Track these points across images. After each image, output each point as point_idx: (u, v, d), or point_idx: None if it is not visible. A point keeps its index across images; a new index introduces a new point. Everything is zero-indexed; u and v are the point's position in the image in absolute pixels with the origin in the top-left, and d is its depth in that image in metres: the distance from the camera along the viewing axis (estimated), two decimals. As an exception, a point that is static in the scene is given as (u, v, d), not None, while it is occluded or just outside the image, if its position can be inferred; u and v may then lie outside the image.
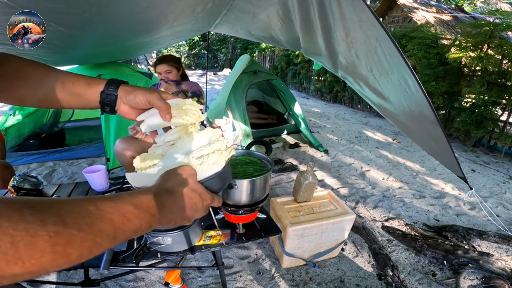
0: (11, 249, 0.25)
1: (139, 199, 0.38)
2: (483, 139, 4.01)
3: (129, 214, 0.35)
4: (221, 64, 17.10)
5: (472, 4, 12.54)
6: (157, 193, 0.40)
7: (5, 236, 0.25)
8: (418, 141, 1.86)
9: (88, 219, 0.31)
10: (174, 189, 0.43)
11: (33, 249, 0.26)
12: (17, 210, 0.27)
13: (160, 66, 2.07)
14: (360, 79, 1.60)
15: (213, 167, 0.52)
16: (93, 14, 1.34)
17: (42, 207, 0.29)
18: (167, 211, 0.40)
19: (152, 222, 0.38)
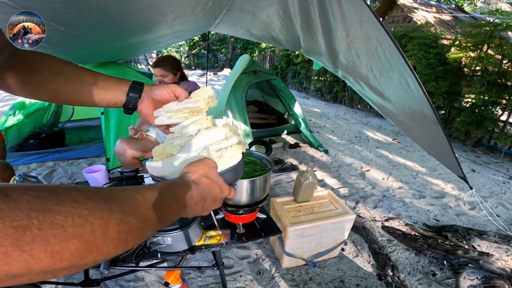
0: (91, 237, 0.26)
1: (174, 190, 0.40)
2: (483, 139, 4.01)
3: (168, 205, 0.37)
4: (221, 64, 17.10)
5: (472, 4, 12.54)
6: (187, 185, 0.42)
7: (87, 224, 0.26)
8: (418, 141, 1.86)
9: (139, 208, 0.32)
10: (199, 181, 0.45)
11: (106, 237, 0.27)
12: (89, 198, 0.27)
13: (156, 69, 2.06)
14: (360, 79, 1.60)
15: (231, 160, 0.54)
16: (93, 14, 1.34)
17: (106, 195, 0.30)
18: (194, 201, 0.42)
19: (182, 211, 0.40)
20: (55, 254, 0.24)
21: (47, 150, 3.10)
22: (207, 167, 0.48)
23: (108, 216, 0.28)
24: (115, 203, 0.30)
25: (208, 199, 0.45)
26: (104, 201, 0.28)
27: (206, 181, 0.46)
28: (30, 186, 0.25)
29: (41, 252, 0.23)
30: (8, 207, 0.22)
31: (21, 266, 0.22)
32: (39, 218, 0.23)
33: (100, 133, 2.76)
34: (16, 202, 0.23)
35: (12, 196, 0.23)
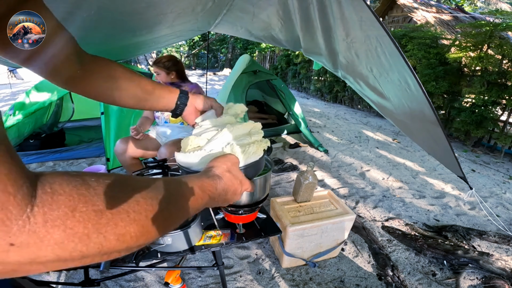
0: (146, 222, 0.29)
1: (202, 182, 0.43)
2: (483, 139, 4.01)
3: (197, 195, 0.40)
4: (221, 64, 17.10)
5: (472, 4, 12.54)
6: (212, 178, 0.46)
7: (143, 211, 0.29)
8: (418, 141, 1.86)
9: (177, 197, 0.36)
10: (223, 175, 0.48)
11: (154, 222, 0.30)
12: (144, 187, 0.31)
13: (153, 66, 2.15)
14: (360, 79, 1.60)
15: (252, 156, 0.58)
16: (93, 14, 1.34)
17: (153, 185, 0.33)
18: (217, 193, 0.45)
19: (208, 202, 0.43)
20: (120, 237, 0.26)
21: (47, 150, 3.10)
22: (230, 163, 0.51)
23: (157, 204, 0.31)
24: (160, 193, 0.33)
25: (229, 192, 0.49)
26: (153, 190, 0.32)
27: (229, 175, 0.49)
28: (99, 175, 0.28)
29: (112, 234, 0.25)
30: (89, 193, 0.25)
31: (95, 248, 0.24)
32: (111, 203, 0.26)
33: (100, 133, 2.76)
34: (95, 189, 0.25)
35: (91, 184, 0.26)
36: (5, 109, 4.44)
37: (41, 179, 0.23)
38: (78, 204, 0.23)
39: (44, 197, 0.22)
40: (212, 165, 0.49)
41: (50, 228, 0.21)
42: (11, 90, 8.12)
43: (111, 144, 2.61)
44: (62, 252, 0.22)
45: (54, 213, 0.22)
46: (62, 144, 3.43)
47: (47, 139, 3.33)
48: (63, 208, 0.22)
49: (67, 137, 3.62)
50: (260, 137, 0.62)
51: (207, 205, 0.43)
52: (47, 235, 0.21)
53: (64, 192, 0.23)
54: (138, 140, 2.04)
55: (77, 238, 0.23)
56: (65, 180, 0.24)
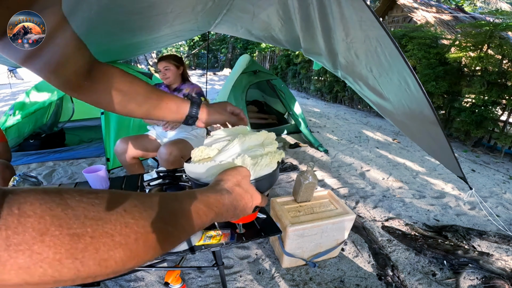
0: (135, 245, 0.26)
1: (208, 198, 0.40)
2: (483, 139, 4.01)
3: (201, 212, 0.38)
4: (221, 64, 17.11)
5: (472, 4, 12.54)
6: (220, 193, 0.43)
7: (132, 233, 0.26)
8: (418, 141, 1.86)
9: (174, 216, 0.33)
10: (232, 189, 0.45)
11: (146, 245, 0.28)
12: (135, 207, 0.28)
13: (159, 63, 2.12)
14: (359, 79, 1.60)
15: (265, 169, 0.54)
16: (93, 14, 1.34)
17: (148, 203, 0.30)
18: (225, 209, 0.43)
19: (214, 218, 0.41)
20: (102, 262, 0.24)
21: (47, 150, 3.10)
22: (240, 176, 0.48)
23: (149, 225, 0.28)
24: (155, 212, 0.30)
25: (239, 208, 0.46)
26: (146, 210, 0.29)
27: (239, 190, 0.46)
28: (85, 192, 0.26)
29: (90, 259, 0.23)
30: (66, 215, 0.23)
31: (71, 273, 0.23)
32: (92, 227, 0.24)
33: (100, 133, 2.76)
34: (74, 210, 0.23)
35: (71, 203, 0.24)
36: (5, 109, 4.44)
37: (9, 198, 0.21)
38: (50, 227, 0.21)
39: (9, 219, 0.20)
40: (221, 179, 0.47)
41: (13, 252, 0.20)
42: (11, 90, 8.12)
43: (111, 144, 2.61)
44: (29, 278, 0.21)
45: (18, 237, 0.20)
46: (62, 144, 3.43)
47: (47, 139, 3.33)
48: (30, 231, 0.21)
49: (67, 137, 3.62)
50: (274, 148, 0.60)
51: (213, 221, 0.41)
52: (10, 259, 0.20)
53: (34, 214, 0.21)
54: (138, 140, 2.04)
55: (46, 263, 0.21)
56: (38, 200, 0.22)
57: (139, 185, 1.49)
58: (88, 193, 0.26)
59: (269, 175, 0.55)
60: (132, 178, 1.59)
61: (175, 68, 2.13)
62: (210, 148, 0.57)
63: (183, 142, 1.97)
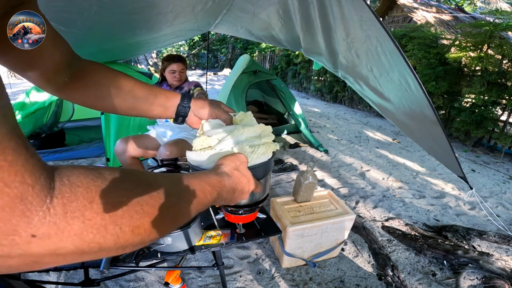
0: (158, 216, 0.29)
1: (211, 179, 0.43)
2: (483, 139, 4.01)
3: (206, 191, 0.40)
4: (221, 64, 17.11)
5: (472, 4, 12.54)
6: (221, 175, 0.46)
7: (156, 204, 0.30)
8: (418, 141, 1.86)
9: (187, 193, 0.37)
10: (231, 173, 0.48)
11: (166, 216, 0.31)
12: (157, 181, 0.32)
13: (176, 64, 2.09)
14: (360, 79, 1.60)
15: (262, 157, 0.59)
16: (93, 13, 1.34)
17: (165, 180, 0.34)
18: (226, 190, 0.46)
19: (216, 199, 0.43)
20: (135, 229, 0.27)
21: (47, 150, 3.10)
22: (238, 161, 0.51)
23: (167, 198, 0.31)
24: (173, 187, 0.34)
25: (237, 190, 0.49)
26: (165, 185, 0.32)
27: (237, 173, 0.49)
28: (115, 169, 0.29)
29: (127, 226, 0.26)
30: (106, 186, 0.25)
31: (112, 239, 0.25)
32: (127, 196, 0.27)
33: (100, 133, 2.76)
34: (111, 182, 0.26)
35: (107, 177, 0.26)
36: (5, 109, 4.43)
37: (58, 171, 0.23)
38: (96, 196, 0.24)
39: (63, 188, 0.22)
40: (221, 163, 0.50)
41: (70, 219, 0.22)
42: (11, 90, 8.12)
43: (111, 144, 2.61)
44: (81, 244, 0.23)
45: (73, 204, 0.22)
46: (62, 144, 3.43)
47: (47, 139, 3.33)
48: (81, 199, 0.23)
49: (67, 137, 3.61)
50: (270, 139, 0.63)
51: (215, 201, 0.44)
52: (67, 226, 0.22)
53: (81, 184, 0.24)
54: (138, 140, 2.04)
55: (95, 229, 0.23)
56: (82, 173, 0.25)
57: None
58: (116, 170, 0.29)
59: (265, 163, 0.60)
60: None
61: (186, 70, 2.17)
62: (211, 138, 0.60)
63: (183, 142, 1.97)
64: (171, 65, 2.09)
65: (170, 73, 2.11)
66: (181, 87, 2.20)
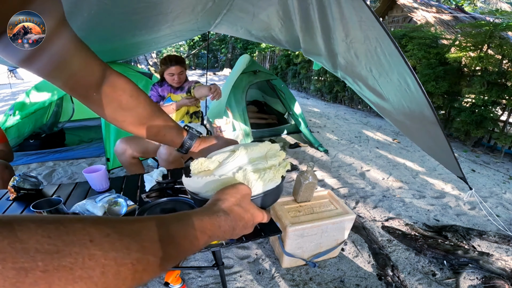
0: (101, 279, 0.24)
1: (202, 222, 0.38)
2: (483, 139, 4.01)
3: (192, 237, 0.35)
4: (221, 64, 17.11)
5: (472, 4, 12.54)
6: (216, 215, 0.41)
7: (97, 266, 0.24)
8: (417, 141, 1.86)
9: (159, 244, 0.31)
10: (230, 210, 0.43)
11: (118, 278, 0.26)
12: (107, 236, 0.26)
13: (175, 67, 2.08)
14: (359, 79, 1.60)
15: (269, 184, 0.51)
16: (93, 14, 1.34)
17: (126, 231, 0.28)
18: (222, 231, 0.41)
19: (208, 241, 0.38)
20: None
21: (47, 150, 3.10)
22: (239, 195, 0.46)
23: (123, 257, 0.26)
24: (134, 240, 0.28)
25: (238, 228, 0.44)
26: (122, 239, 0.27)
27: (238, 209, 0.44)
28: (47, 221, 0.24)
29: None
30: (12, 248, 0.21)
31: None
32: (45, 261, 0.22)
33: (100, 133, 2.76)
34: (23, 243, 0.22)
35: (21, 236, 0.22)
36: (5, 109, 4.44)
37: None
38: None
39: None
40: (218, 198, 0.45)
41: None
42: (11, 90, 8.12)
43: (111, 144, 2.61)
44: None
45: None
46: (62, 144, 3.43)
47: (47, 139, 3.33)
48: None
49: (67, 137, 3.62)
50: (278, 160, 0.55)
51: (207, 244, 0.39)
52: None
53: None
54: (138, 140, 2.05)
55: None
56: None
57: (139, 185, 1.49)
58: (49, 223, 0.24)
59: (273, 191, 0.51)
60: (132, 178, 1.59)
61: (185, 71, 2.17)
62: (210, 160, 0.53)
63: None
64: (169, 68, 2.08)
65: (169, 76, 2.12)
66: (182, 87, 2.21)
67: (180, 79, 2.14)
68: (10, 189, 1.30)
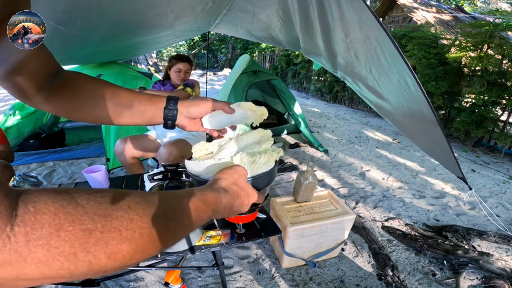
0: (140, 240, 0.28)
1: (206, 196, 0.42)
2: (483, 139, 4.01)
3: (200, 209, 0.40)
4: (221, 64, 17.10)
5: (472, 4, 12.54)
6: (217, 191, 0.45)
7: (137, 228, 0.28)
8: (417, 141, 1.86)
9: (177, 213, 0.35)
10: (229, 188, 0.47)
11: (150, 240, 0.30)
12: (139, 204, 0.30)
13: (183, 63, 2.11)
14: (359, 80, 1.60)
15: (263, 167, 0.56)
16: (93, 13, 1.34)
17: (151, 201, 0.32)
18: (222, 207, 0.45)
19: (212, 216, 0.43)
20: (112, 255, 0.26)
21: (47, 150, 3.10)
22: (236, 175, 0.50)
23: (153, 221, 0.30)
24: (158, 209, 0.32)
25: (235, 205, 0.48)
26: (150, 207, 0.31)
27: (235, 188, 0.48)
28: (93, 191, 0.27)
29: (101, 253, 0.25)
30: (77, 212, 0.24)
31: (84, 266, 0.24)
32: (101, 222, 0.25)
33: (100, 133, 2.76)
34: (84, 208, 0.25)
35: (80, 202, 0.25)
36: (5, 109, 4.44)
37: (23, 197, 0.22)
38: (64, 223, 0.23)
39: (26, 216, 0.22)
40: (218, 177, 0.49)
41: (33, 247, 0.21)
42: (11, 90, 8.11)
43: (111, 144, 2.61)
44: (48, 270, 0.22)
45: (37, 233, 0.21)
46: (62, 144, 3.43)
47: (47, 139, 3.33)
48: (47, 227, 0.22)
49: (67, 137, 3.62)
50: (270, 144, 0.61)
51: (210, 218, 0.43)
52: (30, 254, 0.21)
53: (48, 211, 0.23)
54: (138, 140, 2.05)
55: (63, 257, 0.23)
56: (51, 199, 0.23)
57: (139, 185, 1.49)
58: (95, 192, 0.27)
59: (267, 173, 0.56)
60: (132, 178, 1.59)
61: (190, 71, 2.19)
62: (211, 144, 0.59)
63: (183, 142, 1.97)
64: (178, 64, 2.11)
65: (175, 72, 2.14)
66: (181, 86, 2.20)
67: (186, 77, 2.16)
68: (10, 189, 1.30)
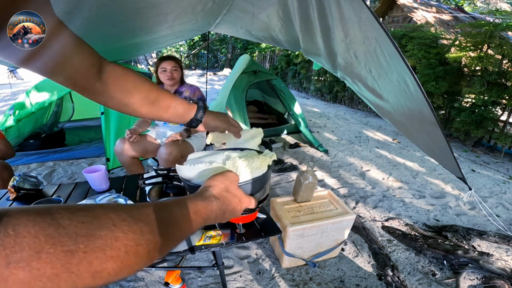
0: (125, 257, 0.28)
1: (197, 206, 0.42)
2: (483, 139, 4.00)
3: (190, 219, 0.40)
4: (221, 64, 17.10)
5: (472, 4, 12.54)
6: (208, 200, 0.45)
7: (122, 246, 0.28)
8: (416, 141, 1.86)
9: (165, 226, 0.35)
10: (220, 195, 0.47)
11: (137, 256, 0.30)
12: (124, 220, 0.30)
13: (167, 62, 2.08)
14: (358, 80, 1.60)
15: (256, 172, 0.55)
16: (93, 14, 1.34)
17: (138, 215, 0.32)
18: (214, 215, 0.45)
19: (203, 224, 0.43)
20: (96, 274, 0.26)
21: (47, 150, 3.10)
22: (228, 181, 0.50)
23: (139, 237, 0.30)
24: (145, 224, 0.32)
25: (227, 212, 0.48)
26: (136, 223, 0.31)
27: (226, 195, 0.48)
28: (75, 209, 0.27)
29: (85, 272, 0.25)
30: (58, 234, 0.24)
31: (68, 285, 0.24)
32: (84, 243, 0.25)
33: (100, 133, 2.76)
34: (65, 228, 0.25)
35: (62, 223, 0.25)
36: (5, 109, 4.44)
37: (4, 220, 0.23)
38: (45, 245, 0.23)
39: (6, 240, 0.22)
40: (209, 185, 0.48)
41: (13, 269, 0.22)
42: (11, 90, 8.12)
43: (111, 144, 2.61)
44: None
45: (17, 255, 0.22)
46: (62, 144, 3.43)
47: (47, 139, 3.33)
48: (27, 250, 0.22)
49: (67, 137, 3.62)
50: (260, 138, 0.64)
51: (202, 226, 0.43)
52: (11, 275, 0.22)
53: (28, 234, 0.23)
54: (138, 140, 2.04)
55: (45, 278, 0.23)
56: (31, 221, 0.24)
57: (139, 185, 1.49)
58: (79, 210, 0.27)
59: (259, 178, 0.56)
60: (132, 178, 1.59)
61: (180, 70, 2.15)
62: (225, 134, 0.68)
63: (183, 142, 1.97)
64: (162, 63, 2.09)
65: (162, 72, 2.10)
66: (179, 91, 2.17)
67: (173, 75, 2.09)
68: (10, 189, 1.30)
